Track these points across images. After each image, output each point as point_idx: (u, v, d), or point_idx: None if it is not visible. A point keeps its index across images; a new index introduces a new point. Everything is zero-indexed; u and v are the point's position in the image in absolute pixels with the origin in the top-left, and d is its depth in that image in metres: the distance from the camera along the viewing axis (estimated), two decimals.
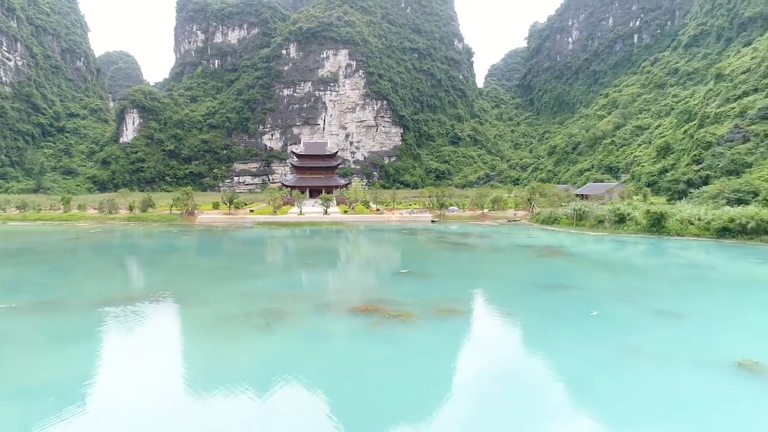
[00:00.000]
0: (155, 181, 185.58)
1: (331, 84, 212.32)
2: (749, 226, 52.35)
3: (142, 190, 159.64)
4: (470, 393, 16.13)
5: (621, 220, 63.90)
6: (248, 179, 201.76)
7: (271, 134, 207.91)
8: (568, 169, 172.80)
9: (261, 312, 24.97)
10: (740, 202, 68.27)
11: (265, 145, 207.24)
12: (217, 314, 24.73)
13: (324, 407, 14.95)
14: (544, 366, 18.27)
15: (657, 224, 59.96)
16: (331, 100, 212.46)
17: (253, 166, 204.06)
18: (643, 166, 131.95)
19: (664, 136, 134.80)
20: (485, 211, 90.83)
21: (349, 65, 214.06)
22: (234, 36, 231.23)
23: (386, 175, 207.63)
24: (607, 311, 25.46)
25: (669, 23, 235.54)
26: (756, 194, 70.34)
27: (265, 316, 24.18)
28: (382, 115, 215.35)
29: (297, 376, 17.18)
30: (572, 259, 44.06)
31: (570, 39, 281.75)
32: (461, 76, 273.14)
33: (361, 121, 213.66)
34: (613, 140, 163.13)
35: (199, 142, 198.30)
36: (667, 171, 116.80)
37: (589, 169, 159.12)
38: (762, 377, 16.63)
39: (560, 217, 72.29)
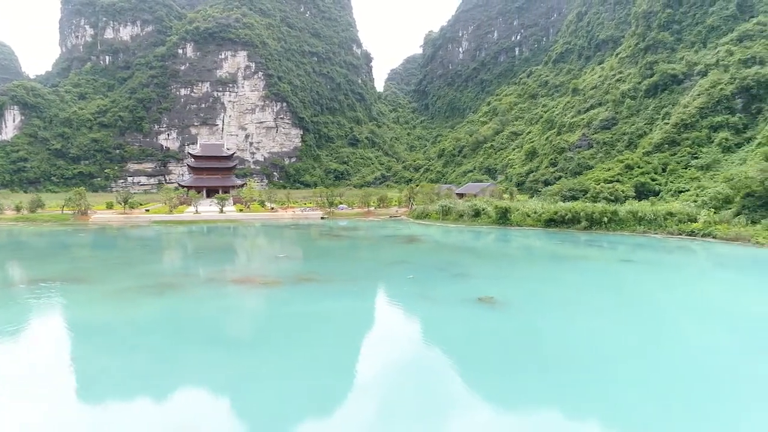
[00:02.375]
0: (40, 182, 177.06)
1: (230, 85, 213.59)
2: (567, 217, 65.95)
3: (25, 191, 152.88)
4: (311, 322, 24.55)
5: (477, 214, 76.05)
6: (143, 180, 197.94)
7: (168, 134, 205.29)
8: (455, 170, 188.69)
9: (155, 285, 31.80)
10: (573, 198, 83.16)
11: (162, 145, 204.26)
12: (117, 288, 31.18)
13: (202, 343, 22.66)
14: (363, 308, 27.17)
15: (503, 217, 72.54)
16: (230, 101, 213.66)
17: (148, 166, 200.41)
18: (515, 168, 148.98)
19: (532, 142, 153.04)
20: (371, 208, 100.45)
21: (248, 67, 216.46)
22: (126, 32, 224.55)
23: (286, 175, 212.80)
24: (422, 275, 35.16)
25: (544, 39, 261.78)
26: (586, 192, 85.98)
27: (159, 288, 31.09)
28: (281, 116, 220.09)
29: (182, 322, 24.65)
30: (423, 244, 54.33)
31: (460, 49, 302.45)
32: (360, 81, 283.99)
33: (261, 123, 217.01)
34: (492, 144, 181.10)
35: (89, 141, 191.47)
36: (532, 172, 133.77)
37: (471, 171, 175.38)
38: (489, 304, 26.57)
39: (431, 213, 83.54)
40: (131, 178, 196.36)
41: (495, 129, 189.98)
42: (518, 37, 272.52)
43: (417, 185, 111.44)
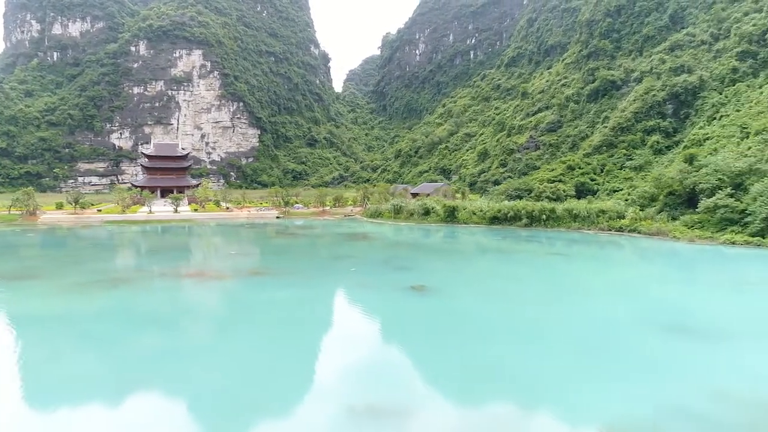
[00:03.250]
0: None
1: (185, 84, 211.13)
2: (509, 215, 69.99)
3: None
4: (258, 309, 26.78)
5: (426, 212, 79.38)
6: (95, 180, 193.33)
7: (120, 133, 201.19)
8: (411, 171, 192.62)
9: (110, 279, 33.31)
10: (519, 197, 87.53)
11: (114, 145, 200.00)
12: (72, 282, 32.50)
13: (153, 329, 24.61)
14: (307, 295, 29.54)
15: (451, 215, 76.09)
16: (185, 100, 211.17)
17: (100, 165, 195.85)
18: (468, 168, 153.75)
19: (484, 143, 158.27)
20: (327, 208, 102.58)
21: (203, 66, 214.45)
22: (75, 28, 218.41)
23: (244, 175, 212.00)
24: (365, 268, 37.83)
25: (498, 43, 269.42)
26: (530, 191, 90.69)
27: (113, 281, 32.63)
28: (238, 116, 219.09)
29: (134, 311, 26.48)
30: (372, 241, 57.06)
31: (417, 51, 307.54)
32: (318, 81, 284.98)
33: (217, 122, 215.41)
34: (447, 146, 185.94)
35: (36, 140, 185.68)
36: (484, 172, 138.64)
37: (427, 171, 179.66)
38: (419, 291, 29.41)
39: (384, 212, 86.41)
40: (82, 178, 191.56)
41: (450, 130, 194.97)
42: (473, 41, 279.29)
43: (373, 185, 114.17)
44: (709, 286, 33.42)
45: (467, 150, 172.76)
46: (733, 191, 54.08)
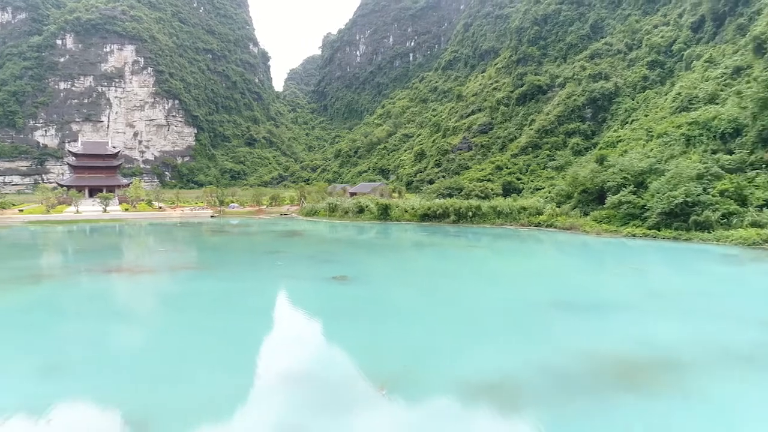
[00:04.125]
0: None
1: (117, 80, 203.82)
2: (438, 212, 73.19)
3: None
4: (182, 300, 27.81)
5: (361, 210, 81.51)
6: (16, 179, 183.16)
7: (45, 130, 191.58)
8: (350, 171, 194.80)
9: (31, 276, 33.21)
10: (450, 196, 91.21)
11: (38, 142, 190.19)
12: None
13: (76, 320, 25.24)
14: (231, 287, 30.75)
15: (384, 213, 78.54)
16: (116, 97, 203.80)
17: (22, 164, 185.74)
18: (405, 168, 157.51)
19: (421, 144, 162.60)
20: (263, 207, 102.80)
21: (136, 62, 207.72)
22: None
23: (179, 175, 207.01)
24: (293, 262, 39.40)
25: (436, 47, 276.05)
26: (461, 190, 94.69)
27: (35, 277, 32.60)
28: (174, 114, 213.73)
29: (57, 304, 26.93)
30: (304, 238, 58.54)
31: (358, 52, 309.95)
32: (257, 80, 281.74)
33: (151, 120, 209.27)
34: (385, 146, 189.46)
35: None
36: (420, 172, 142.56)
37: (366, 171, 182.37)
38: (340, 281, 31.32)
39: (319, 210, 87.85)
40: (2, 177, 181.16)
41: (388, 131, 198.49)
42: (412, 44, 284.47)
43: (313, 185, 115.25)
44: (603, 272, 37.33)
45: (405, 150, 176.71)
46: (636, 189, 59.34)
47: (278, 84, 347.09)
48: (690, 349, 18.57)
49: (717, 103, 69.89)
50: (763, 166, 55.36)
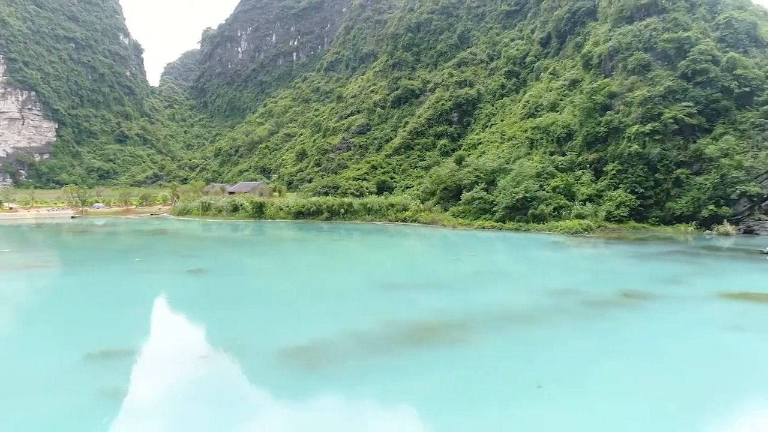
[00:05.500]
0: None
1: None
2: (312, 210, 75.46)
3: None
4: (36, 296, 27.25)
5: (235, 209, 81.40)
6: None
7: None
8: (231, 170, 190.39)
9: None
10: (326, 194, 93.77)
11: None
12: None
13: None
14: (85, 281, 30.50)
15: (259, 211, 79.21)
16: None
17: None
18: (287, 167, 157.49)
19: (303, 144, 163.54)
20: (132, 207, 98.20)
21: None
22: None
23: (38, 173, 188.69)
24: (153, 258, 39.59)
25: (319, 47, 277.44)
26: (338, 188, 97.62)
27: None
28: (29, 107, 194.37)
29: None
30: (170, 236, 57.91)
31: (239, 49, 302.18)
32: (129, 73, 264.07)
33: (2, 113, 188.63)
34: (267, 145, 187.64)
35: None
36: (301, 171, 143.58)
37: (247, 170, 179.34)
38: (195, 273, 32.36)
39: (192, 209, 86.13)
40: None
41: (270, 130, 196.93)
42: (295, 43, 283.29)
43: (190, 184, 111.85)
44: (444, 259, 41.95)
45: (287, 150, 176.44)
46: (487, 186, 66.06)
47: (154, 78, 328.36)
48: (479, 314, 22.62)
49: (557, 111, 79.37)
50: (588, 166, 64.46)
